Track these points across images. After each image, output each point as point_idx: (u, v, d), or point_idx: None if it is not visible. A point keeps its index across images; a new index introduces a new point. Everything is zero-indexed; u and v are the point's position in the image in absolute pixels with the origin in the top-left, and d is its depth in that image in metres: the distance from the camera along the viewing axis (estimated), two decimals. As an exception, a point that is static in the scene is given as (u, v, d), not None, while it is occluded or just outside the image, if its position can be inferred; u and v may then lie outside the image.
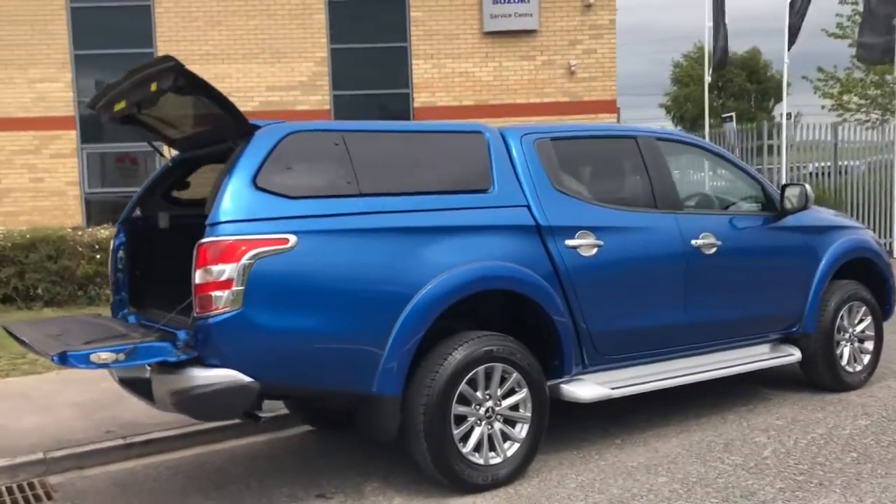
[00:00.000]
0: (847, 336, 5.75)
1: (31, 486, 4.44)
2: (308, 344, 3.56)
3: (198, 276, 3.37)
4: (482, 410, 4.06)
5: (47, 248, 9.71)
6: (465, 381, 3.96)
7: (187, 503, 4.13)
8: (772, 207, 5.41)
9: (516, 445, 4.16)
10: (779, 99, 50.28)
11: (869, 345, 5.88)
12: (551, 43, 14.18)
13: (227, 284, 3.34)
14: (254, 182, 3.55)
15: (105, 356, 3.21)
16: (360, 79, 14.17)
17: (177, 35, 13.74)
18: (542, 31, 14.13)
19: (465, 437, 4.02)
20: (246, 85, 13.85)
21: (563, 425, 5.00)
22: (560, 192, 4.47)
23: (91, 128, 13.75)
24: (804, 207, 5.33)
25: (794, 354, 5.47)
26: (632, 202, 4.85)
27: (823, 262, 5.57)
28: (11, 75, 13.60)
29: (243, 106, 11.98)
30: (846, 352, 5.75)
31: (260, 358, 3.45)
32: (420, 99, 14.13)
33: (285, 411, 5.14)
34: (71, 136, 13.71)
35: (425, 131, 4.40)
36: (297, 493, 4.16)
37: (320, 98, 14.00)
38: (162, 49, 13.67)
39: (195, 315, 3.39)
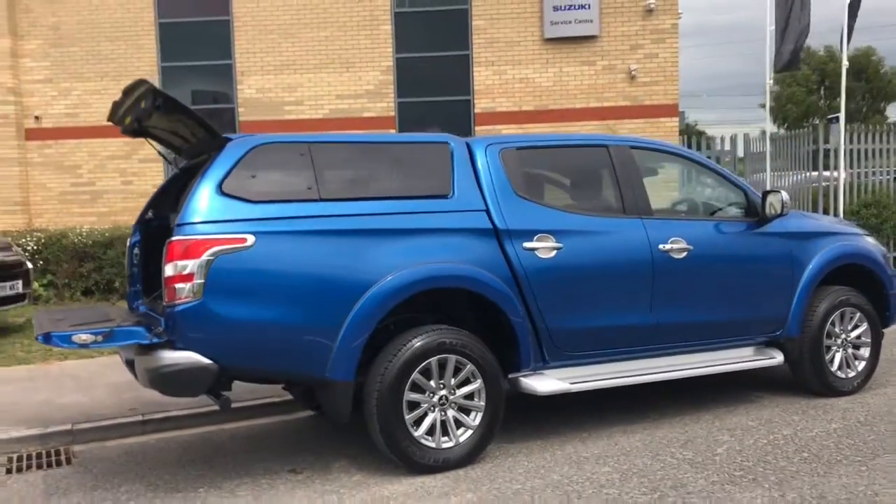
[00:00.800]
0: (840, 342, 5.82)
1: (57, 452, 5.11)
2: (264, 332, 4.05)
3: (167, 270, 3.91)
4: (435, 398, 4.45)
5: (123, 245, 10.63)
6: (417, 370, 4.36)
7: (179, 472, 4.68)
8: (753, 213, 5.55)
9: (469, 432, 4.53)
10: (891, 100, 47.96)
11: (865, 351, 5.92)
12: (612, 48, 14.29)
13: (189, 278, 3.87)
14: (219, 188, 4.06)
15: (84, 337, 3.80)
16: (424, 86, 14.67)
17: (254, 47, 14.61)
18: (603, 37, 14.26)
19: (419, 422, 4.41)
20: (317, 93, 14.57)
21: (539, 417, 5.34)
22: (521, 198, 4.80)
23: (175, 134, 14.79)
24: (780, 214, 5.44)
25: (775, 358, 5.60)
26: (597, 207, 5.12)
27: (810, 267, 5.66)
28: (107, 87, 14.76)
29: (314, 113, 12.73)
30: (838, 357, 5.82)
31: (219, 343, 3.96)
32: (480, 105, 14.51)
33: (287, 397, 5.67)
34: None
35: (391, 142, 4.82)
36: (273, 468, 4.66)
37: (385, 105, 14.58)
38: (240, 60, 14.60)
39: (164, 304, 3.93)
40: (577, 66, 14.36)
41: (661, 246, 5.12)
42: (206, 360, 3.92)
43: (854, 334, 5.92)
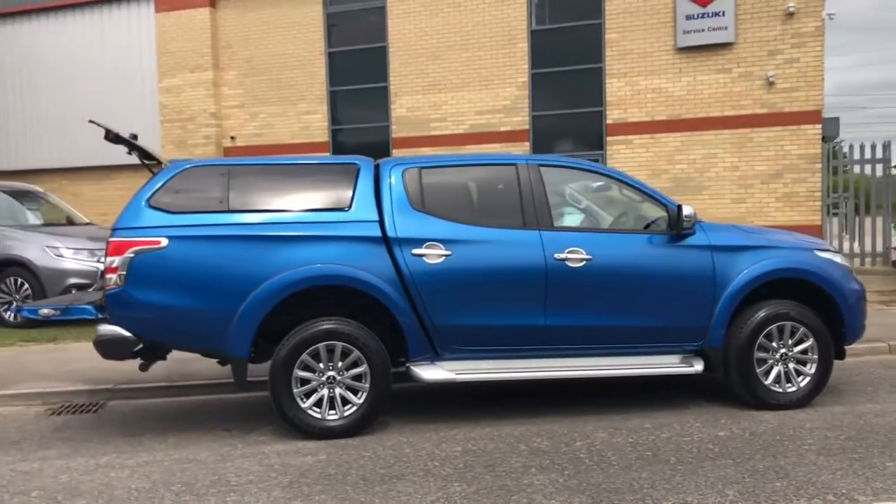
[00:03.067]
0: (778, 356, 5.83)
1: (95, 405, 6.66)
2: (174, 314, 5.21)
3: (105, 264, 5.22)
4: (324, 378, 5.34)
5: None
6: (307, 352, 5.29)
7: (157, 426, 5.95)
8: (670, 227, 5.79)
9: (354, 408, 5.37)
10: None
11: (810, 367, 5.87)
12: (748, 54, 13.92)
13: (115, 270, 5.14)
14: (147, 202, 5.30)
15: (46, 311, 5.22)
16: (557, 99, 15.24)
17: (405, 69, 16.07)
18: (739, 43, 13.93)
19: (310, 396, 5.34)
20: (459, 110, 15.71)
21: (459, 407, 6.04)
22: (417, 211, 5.55)
23: (341, 150, 16.68)
24: (688, 228, 5.65)
25: (693, 367, 5.77)
26: (494, 220, 5.66)
27: (736, 280, 5.76)
28: (286, 110, 17.03)
29: (456, 129, 14.03)
30: (775, 371, 5.84)
31: (136, 321, 5.19)
32: (612, 116, 14.78)
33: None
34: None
35: (302, 164, 5.78)
36: (216, 426, 5.81)
37: (520, 119, 15.36)
38: (394, 81, 16.12)
39: (104, 289, 5.25)
40: (711, 75, 14.16)
41: (556, 255, 5.57)
42: (127, 333, 5.18)
43: (798, 349, 5.86)
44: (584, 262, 5.60)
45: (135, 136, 5.87)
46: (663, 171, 14.46)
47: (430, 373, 5.51)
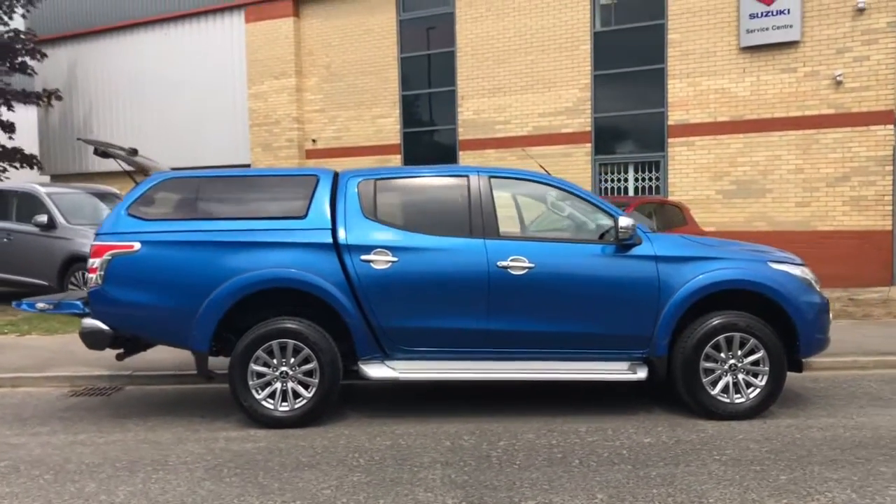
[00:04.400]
0: (727, 366, 5.87)
1: (113, 388, 7.45)
2: (144, 311, 5.83)
3: (88, 265, 5.91)
4: (277, 372, 5.84)
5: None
6: (261, 348, 5.80)
7: (148, 410, 6.64)
8: (612, 237, 5.93)
9: (304, 401, 5.84)
10: None
11: (761, 379, 5.88)
12: (815, 53, 13.42)
13: (95, 270, 5.82)
14: (126, 210, 5.95)
15: (41, 305, 5.98)
16: (619, 101, 15.19)
17: (472, 73, 16.44)
18: (805, 42, 13.46)
19: (263, 388, 5.86)
20: (522, 112, 15.93)
21: (425, 404, 6.41)
22: (368, 220, 5.95)
23: (411, 152, 17.24)
24: (628, 238, 5.78)
25: (636, 374, 5.89)
26: (442, 228, 5.96)
27: (680, 290, 5.84)
28: (361, 114, 17.76)
29: (520, 131, 14.54)
30: (723, 381, 5.88)
31: (112, 316, 5.85)
32: (674, 117, 14.60)
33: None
34: (397, 160, 17.36)
35: (266, 176, 6.28)
36: (195, 413, 6.40)
37: (582, 121, 15.41)
38: (461, 85, 16.52)
39: (88, 288, 5.96)
40: (775, 74, 13.75)
41: (499, 263, 5.82)
42: (105, 327, 5.85)
43: (749, 360, 5.86)
44: (527, 270, 5.83)
45: (134, 151, 6.56)
46: (725, 174, 14.17)
47: (377, 371, 5.90)
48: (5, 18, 19.19)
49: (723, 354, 5.86)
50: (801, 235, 13.64)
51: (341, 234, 5.90)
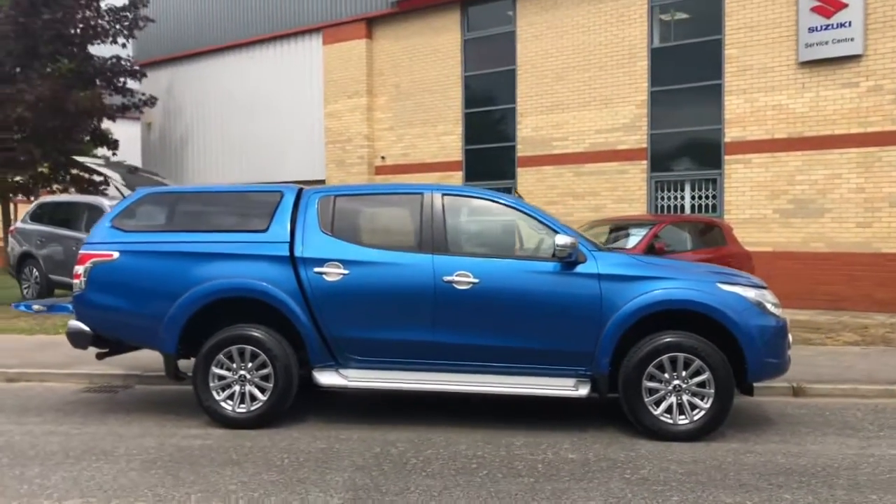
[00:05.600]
0: (671, 387, 5.84)
1: (124, 386, 8.06)
2: (120, 314, 6.33)
3: (74, 271, 6.50)
4: (237, 376, 6.23)
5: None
6: (220, 353, 6.19)
7: (138, 407, 7.16)
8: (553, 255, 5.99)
9: (260, 404, 6.19)
10: None
11: (706, 401, 5.81)
12: (879, 66, 12.82)
13: (79, 276, 6.40)
14: (111, 222, 6.51)
15: (37, 307, 6.62)
16: (675, 117, 14.94)
17: (531, 91, 16.58)
18: (868, 55, 12.88)
19: (224, 390, 6.25)
20: (579, 129, 15.93)
21: (387, 412, 6.67)
22: (324, 234, 6.27)
23: (472, 169, 17.52)
24: (566, 256, 5.84)
25: (577, 391, 5.93)
26: (393, 244, 6.22)
27: (622, 309, 5.86)
28: (427, 131, 18.19)
29: (576, 147, 14.74)
30: (667, 402, 5.85)
31: (92, 318, 6.40)
32: (731, 134, 14.24)
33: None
34: (459, 176, 17.67)
35: (235, 192, 6.69)
36: (172, 411, 6.87)
37: (639, 137, 15.24)
38: (521, 102, 16.68)
39: (73, 292, 6.54)
40: (836, 90, 13.22)
41: (445, 277, 6.00)
42: (86, 328, 6.40)
43: (694, 381, 5.79)
44: (472, 285, 5.98)
45: (134, 169, 7.15)
46: (783, 192, 13.71)
47: (328, 378, 6.19)
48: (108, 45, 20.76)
49: (666, 375, 5.82)
50: (862, 258, 13.02)
51: (298, 247, 6.23)
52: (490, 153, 17.35)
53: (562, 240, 5.81)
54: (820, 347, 9.53)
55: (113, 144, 22.24)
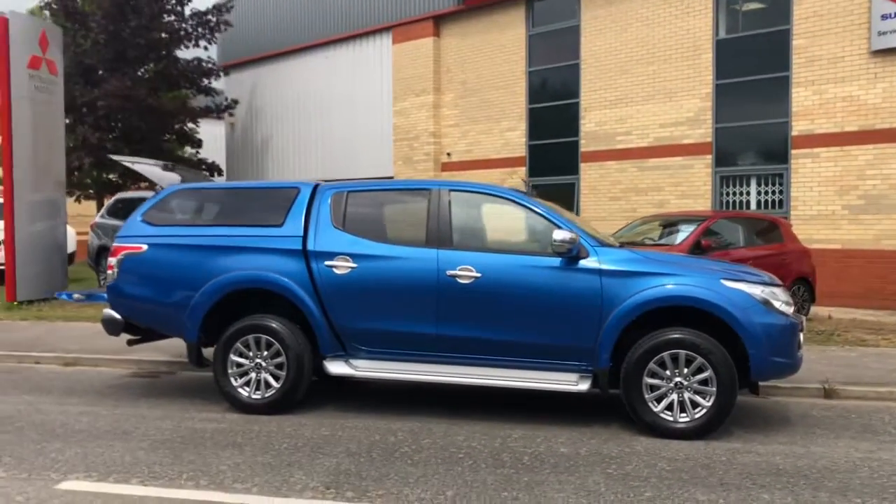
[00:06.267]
0: (673, 383, 5.78)
1: (166, 373, 8.50)
2: (148, 303, 6.71)
3: (107, 263, 6.91)
4: (253, 364, 6.51)
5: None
6: (238, 342, 6.48)
7: (168, 392, 7.56)
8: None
9: (273, 391, 6.44)
10: None
11: (708, 399, 5.72)
12: (956, 53, 12.15)
13: (111, 268, 6.81)
14: (142, 216, 6.89)
15: (77, 295, 7.08)
16: (741, 111, 14.52)
17: (594, 85, 16.41)
18: (945, 42, 12.22)
19: (241, 377, 6.54)
20: (643, 123, 15.68)
21: (400, 402, 6.84)
22: (336, 229, 6.47)
23: (536, 164, 17.49)
24: (565, 251, 5.84)
25: (578, 386, 5.94)
26: (400, 238, 6.35)
27: (623, 305, 5.83)
28: (491, 128, 18.26)
29: (640, 142, 14.73)
30: (668, 399, 5.80)
31: (123, 306, 6.79)
32: (798, 127, 13.74)
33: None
34: (522, 172, 17.67)
35: (255, 188, 6.95)
36: (200, 397, 7.23)
37: (703, 131, 14.89)
38: (585, 97, 16.54)
39: (107, 282, 6.96)
40: (910, 79, 12.59)
41: (448, 272, 6.09)
42: (117, 316, 6.80)
43: (697, 378, 5.70)
44: (474, 279, 6.06)
45: (170, 166, 7.53)
46: (853, 188, 13.16)
47: (337, 368, 6.39)
48: (191, 48, 21.70)
49: (668, 372, 5.75)
50: (938, 256, 12.36)
51: (310, 241, 6.45)
52: (553, 149, 17.27)
53: (559, 235, 5.82)
54: (871, 349, 9.14)
55: (197, 143, 23.23)
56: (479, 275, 6.04)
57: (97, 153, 19.27)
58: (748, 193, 14.48)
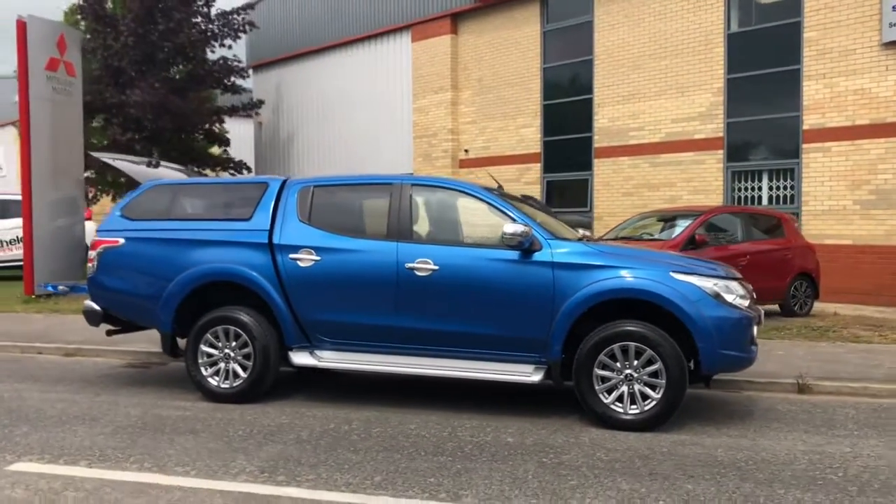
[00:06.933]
0: (624, 375, 5.82)
1: (158, 363, 8.76)
2: (124, 296, 6.95)
3: (88, 256, 7.18)
4: (221, 354, 6.71)
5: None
6: (208, 332, 6.68)
7: (150, 381, 7.81)
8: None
9: (240, 381, 6.63)
10: None
11: (657, 391, 5.75)
12: (970, 44, 11.85)
13: (91, 261, 7.08)
14: (121, 211, 7.14)
15: (61, 287, 7.36)
16: (752, 105, 14.35)
17: (607, 80, 16.36)
18: (958, 32, 11.93)
19: (211, 366, 6.74)
20: (655, 119, 15.58)
21: (368, 393, 6.98)
22: (302, 223, 6.62)
23: (550, 161, 17.49)
24: (516, 244, 5.91)
25: (530, 378, 6.01)
26: (363, 231, 6.48)
27: (572, 297, 5.88)
28: (507, 124, 18.31)
29: (652, 137, 14.71)
30: (618, 391, 5.83)
31: (102, 297, 7.04)
32: (809, 121, 13.53)
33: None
34: (537, 168, 17.69)
35: (226, 183, 7.13)
36: (177, 386, 7.46)
37: (715, 126, 14.74)
38: (598, 92, 16.49)
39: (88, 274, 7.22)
40: (923, 71, 12.32)
41: (407, 264, 6.20)
42: (97, 307, 7.06)
43: (647, 371, 5.72)
44: (432, 272, 6.16)
45: (154, 164, 7.78)
46: (864, 182, 12.94)
47: (301, 359, 6.55)
48: (216, 48, 22.14)
49: (618, 364, 5.79)
50: (951, 252, 12.08)
51: (276, 235, 6.62)
52: (568, 145, 17.25)
53: (510, 228, 5.89)
54: (861, 345, 9.02)
55: (224, 142, 23.69)
56: (436, 267, 6.14)
57: (125, 153, 19.77)
58: (760, 189, 14.31)
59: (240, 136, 25.85)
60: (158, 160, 7.90)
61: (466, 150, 19.14)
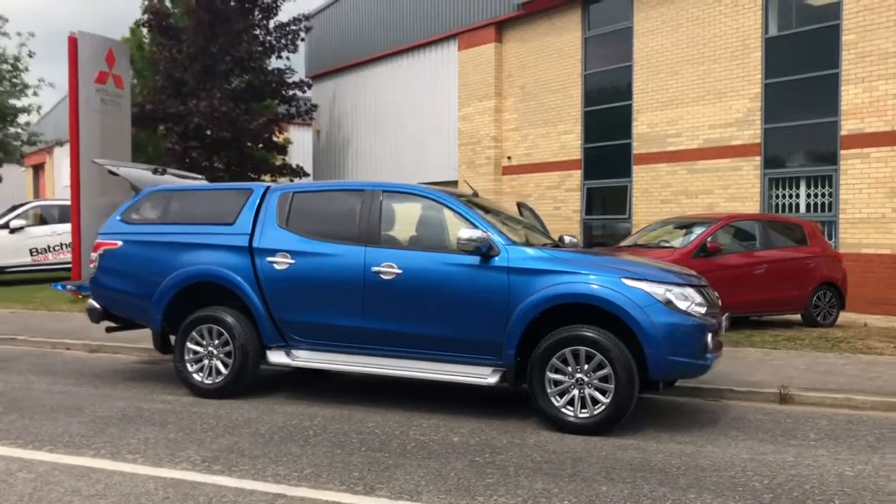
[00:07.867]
0: (575, 379, 5.89)
1: (168, 360, 9.20)
2: (121, 295, 7.39)
3: (90, 258, 7.64)
4: (205, 352, 7.06)
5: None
6: (194, 331, 7.04)
7: (151, 376, 8.24)
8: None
9: (222, 378, 6.96)
10: None
11: (607, 396, 5.79)
12: None
13: (93, 262, 7.54)
14: (121, 216, 7.58)
15: (69, 286, 7.85)
16: (790, 110, 13.99)
17: (646, 87, 16.21)
18: None
19: (196, 363, 7.09)
20: (693, 125, 15.37)
21: (358, 392, 7.23)
22: (280, 227, 6.91)
23: (590, 167, 17.44)
24: (472, 250, 6.05)
25: (486, 380, 6.13)
26: (335, 236, 6.69)
27: (525, 302, 5.98)
28: (549, 131, 18.32)
29: (690, 144, 14.83)
30: (569, 394, 5.90)
31: (101, 296, 7.49)
32: (847, 126, 13.13)
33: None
34: (577, 175, 17.64)
35: (214, 189, 7.47)
36: (172, 383, 7.85)
37: (752, 132, 14.45)
38: (637, 98, 16.37)
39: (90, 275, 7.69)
40: (965, 73, 11.83)
41: (373, 268, 6.40)
42: (98, 306, 7.52)
43: (597, 375, 5.76)
44: (395, 276, 6.36)
45: (160, 171, 8.22)
46: (904, 189, 12.46)
47: (276, 357, 6.83)
48: (273, 60, 22.85)
49: (570, 367, 5.85)
50: None
51: (256, 239, 6.92)
52: (607, 151, 17.15)
53: (465, 234, 6.02)
54: (866, 356, 8.75)
55: (281, 150, 24.41)
56: (399, 271, 6.33)
57: (181, 161, 20.63)
58: (797, 196, 13.95)
59: (300, 142, 26.55)
60: (165, 168, 8.32)
61: (509, 158, 19.22)
